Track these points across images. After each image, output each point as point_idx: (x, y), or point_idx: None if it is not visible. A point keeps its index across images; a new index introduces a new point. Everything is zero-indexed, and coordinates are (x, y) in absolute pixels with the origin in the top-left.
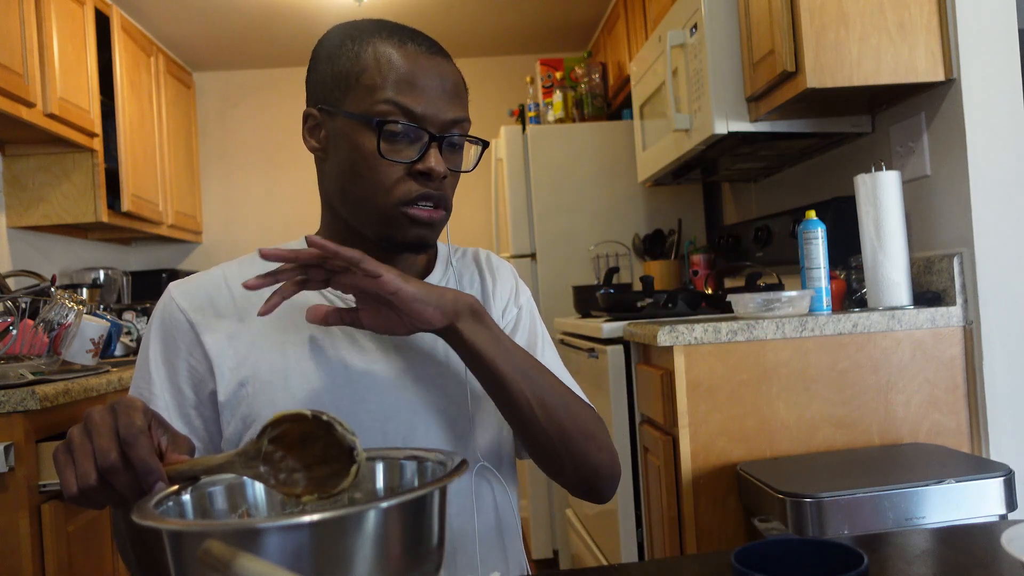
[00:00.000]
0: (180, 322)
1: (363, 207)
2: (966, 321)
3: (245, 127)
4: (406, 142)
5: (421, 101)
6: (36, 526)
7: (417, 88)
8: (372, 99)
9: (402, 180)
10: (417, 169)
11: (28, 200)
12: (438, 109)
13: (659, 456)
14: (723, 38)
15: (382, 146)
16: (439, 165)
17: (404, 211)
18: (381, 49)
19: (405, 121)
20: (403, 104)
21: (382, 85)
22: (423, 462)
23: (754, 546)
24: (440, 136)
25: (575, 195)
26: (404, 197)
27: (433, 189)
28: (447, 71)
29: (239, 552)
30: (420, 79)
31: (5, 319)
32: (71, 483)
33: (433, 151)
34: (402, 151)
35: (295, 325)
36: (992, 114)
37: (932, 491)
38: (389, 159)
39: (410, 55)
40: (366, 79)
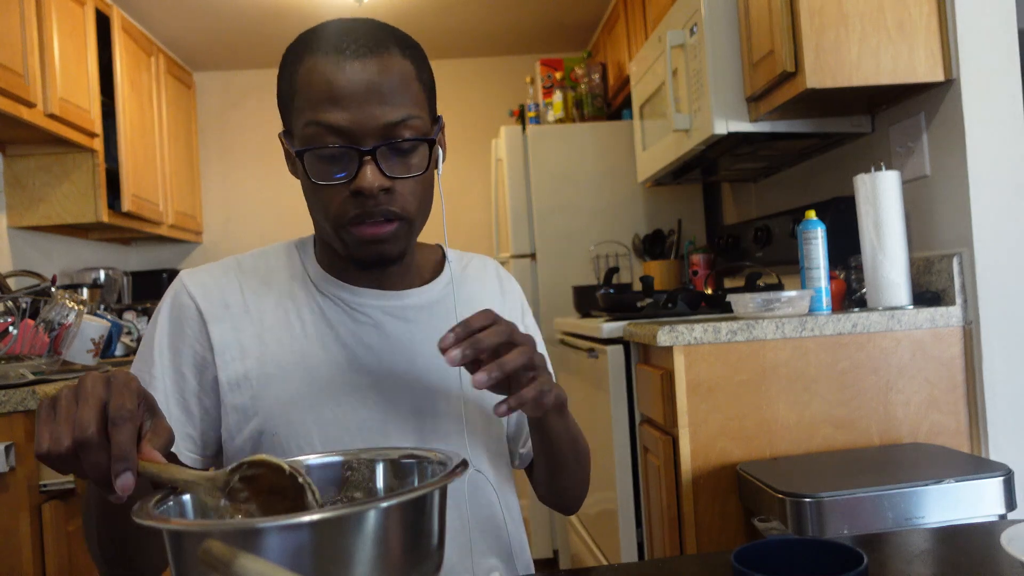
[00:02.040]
0: (189, 309)
1: (324, 229)
2: (966, 321)
3: (245, 127)
4: (342, 161)
5: (346, 115)
6: (36, 526)
7: (341, 100)
8: (303, 122)
9: (343, 202)
10: (352, 188)
11: (28, 200)
12: (368, 118)
13: (659, 456)
14: (723, 38)
15: (315, 171)
16: (373, 181)
17: (349, 232)
18: (308, 65)
19: (334, 141)
20: (327, 122)
21: (308, 106)
22: (423, 462)
23: (754, 546)
24: (372, 148)
25: (575, 195)
26: (345, 219)
27: (373, 206)
28: (378, 71)
29: (239, 552)
30: (343, 89)
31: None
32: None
33: (368, 167)
34: (337, 171)
35: (301, 322)
36: (992, 114)
37: (932, 491)
38: (321, 184)
39: (334, 64)
40: (297, 102)
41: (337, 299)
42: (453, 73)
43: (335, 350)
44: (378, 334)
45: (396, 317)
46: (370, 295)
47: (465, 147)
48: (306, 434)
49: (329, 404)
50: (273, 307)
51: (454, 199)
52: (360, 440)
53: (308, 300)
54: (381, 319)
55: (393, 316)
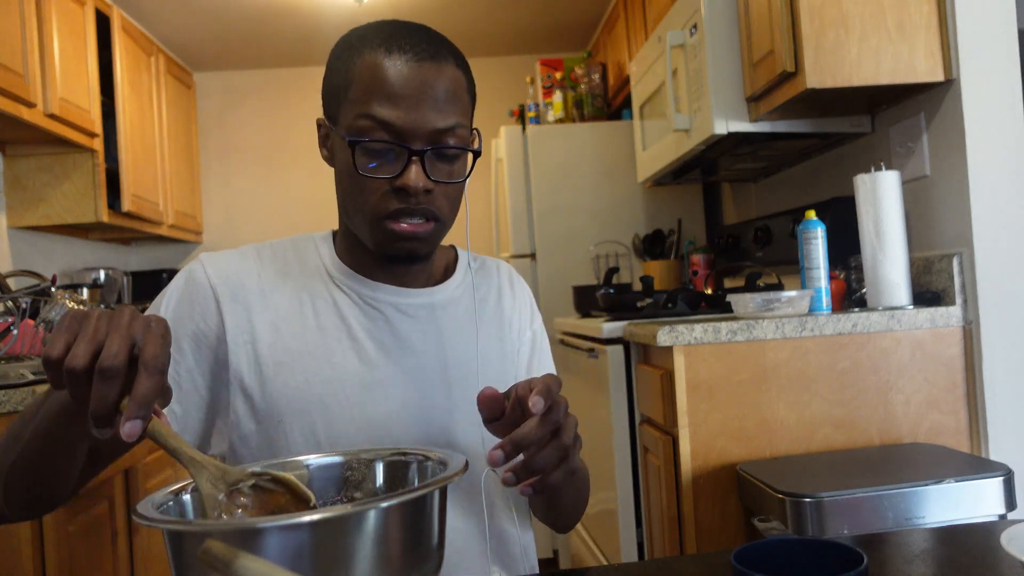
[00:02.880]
0: (203, 287)
1: (355, 220)
2: (966, 321)
3: (245, 127)
4: (388, 157)
5: (401, 114)
6: (36, 526)
7: (398, 100)
8: (355, 113)
9: (384, 195)
10: (396, 185)
11: (28, 200)
12: (421, 120)
13: (659, 456)
14: (723, 38)
15: (361, 162)
16: (418, 181)
17: (386, 225)
18: (368, 60)
19: (384, 137)
20: (382, 118)
21: (364, 99)
22: (423, 462)
23: (754, 546)
24: (422, 150)
25: (575, 195)
26: (384, 212)
27: (414, 204)
28: (434, 77)
29: (239, 552)
30: (401, 90)
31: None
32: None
33: (414, 166)
34: (383, 166)
35: (315, 313)
36: (992, 114)
37: (932, 491)
38: (366, 175)
39: (395, 64)
40: (352, 93)
41: (352, 292)
42: None
43: (346, 343)
44: (390, 330)
45: (409, 315)
46: (386, 291)
47: None
48: (311, 424)
49: (336, 397)
50: (288, 296)
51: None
52: (365, 435)
53: (323, 292)
54: (394, 316)
55: (406, 314)
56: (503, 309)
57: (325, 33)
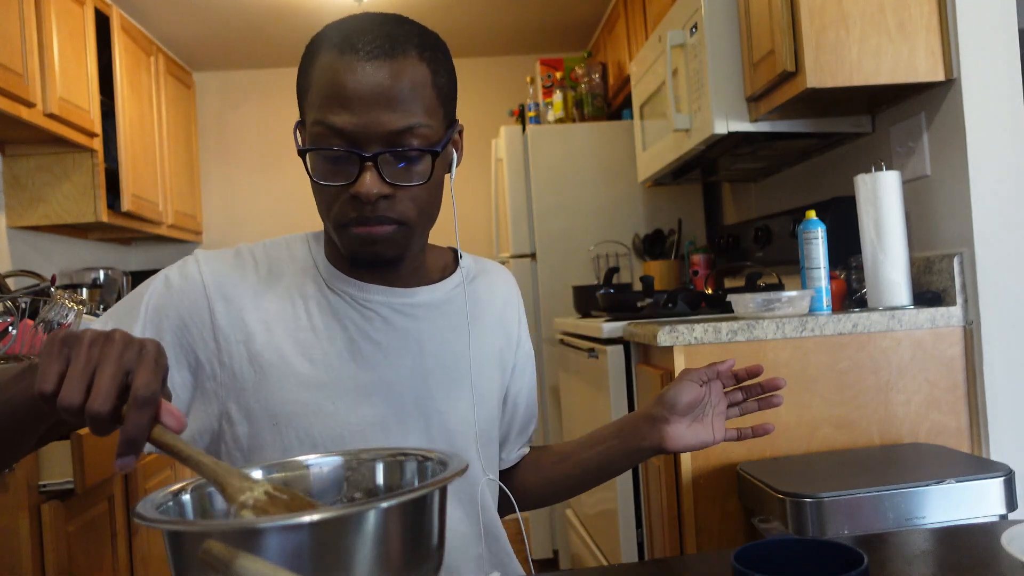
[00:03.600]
0: (195, 282)
1: (325, 225)
2: (966, 321)
3: (245, 127)
4: (344, 163)
5: (353, 119)
6: (36, 526)
7: (348, 103)
8: (311, 120)
9: (343, 203)
10: (351, 192)
11: (28, 200)
12: (373, 123)
13: (659, 456)
14: (723, 38)
15: (318, 170)
16: (371, 187)
17: (350, 231)
18: (322, 63)
19: (336, 143)
20: (333, 124)
21: (318, 104)
22: (423, 462)
23: (754, 546)
24: (375, 154)
25: (575, 195)
26: (342, 219)
27: (370, 212)
28: (387, 76)
29: (239, 552)
30: (351, 91)
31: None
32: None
33: (367, 173)
34: (338, 173)
35: (308, 314)
36: (992, 114)
37: (932, 491)
38: (323, 183)
39: (347, 65)
40: (310, 98)
41: (345, 294)
42: None
43: (341, 344)
44: (385, 330)
45: (403, 314)
46: (378, 291)
47: (465, 147)
48: (306, 426)
49: (331, 397)
50: (282, 296)
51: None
52: (360, 435)
53: (316, 293)
54: (389, 315)
55: (401, 313)
56: (501, 314)
57: None
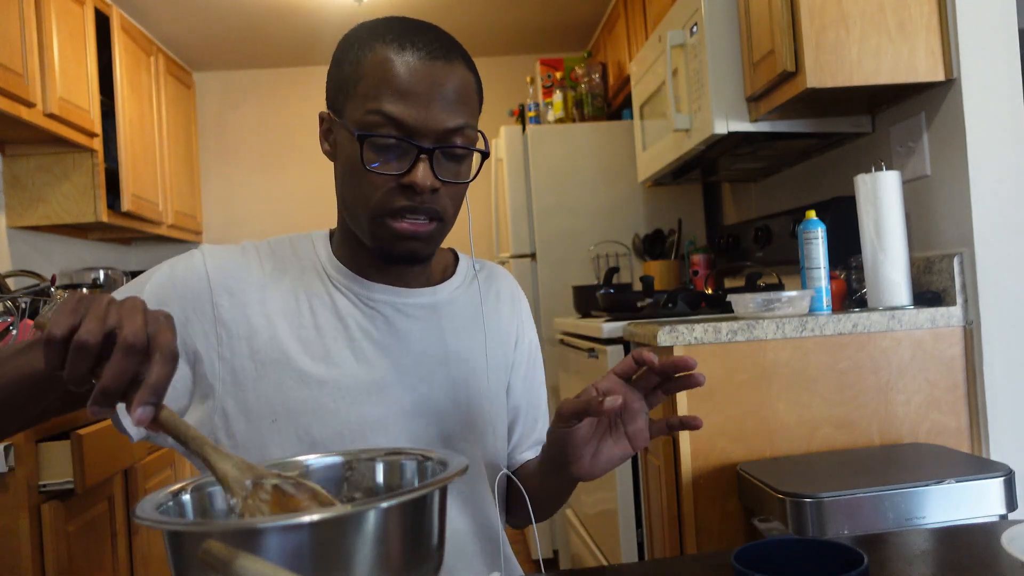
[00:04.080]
0: (198, 274)
1: (356, 216)
2: (966, 321)
3: (245, 127)
4: (396, 154)
5: (412, 112)
6: (36, 526)
7: (409, 97)
8: (364, 108)
9: (389, 192)
10: (403, 182)
11: (28, 200)
12: (431, 119)
13: (659, 456)
14: (723, 38)
15: (368, 157)
16: (425, 179)
17: (389, 223)
18: (380, 55)
19: (393, 133)
20: (392, 115)
21: (375, 95)
22: (423, 462)
23: (754, 546)
24: (431, 148)
25: (575, 195)
26: (388, 209)
27: (419, 203)
28: (446, 77)
29: (239, 552)
30: (413, 87)
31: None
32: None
33: (422, 164)
34: (391, 163)
35: (312, 312)
36: (992, 114)
37: (932, 491)
38: (373, 171)
39: (406, 61)
40: (362, 87)
41: (349, 292)
42: None
43: (343, 343)
44: (388, 330)
45: (407, 315)
46: (383, 291)
47: None
48: (306, 425)
49: (332, 396)
50: (286, 294)
51: None
52: (359, 434)
53: (321, 291)
54: (392, 316)
55: (404, 314)
56: (502, 316)
57: (325, 33)
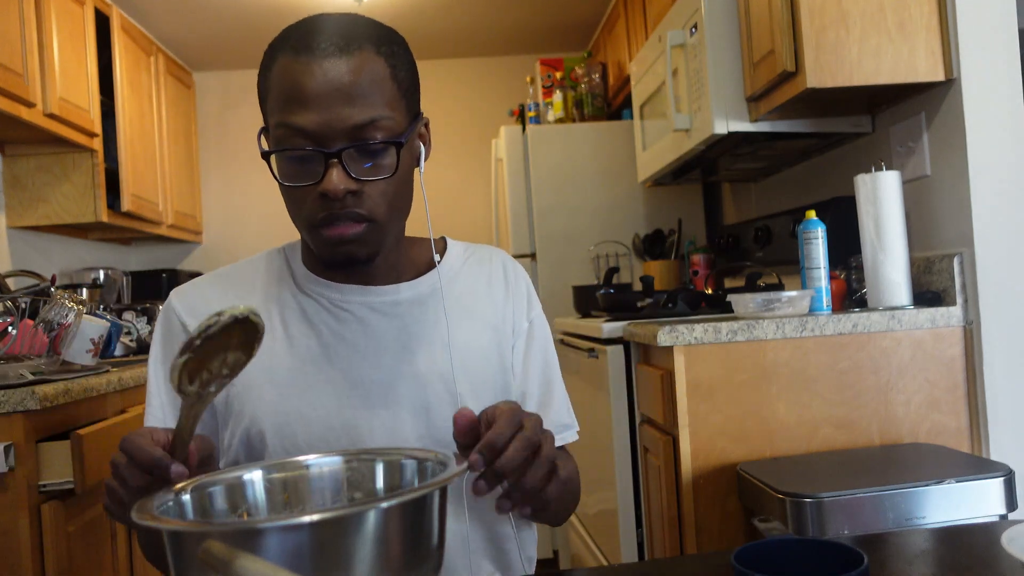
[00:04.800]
0: (175, 325)
1: (297, 227)
2: (966, 321)
3: (245, 127)
4: (305, 162)
5: (313, 116)
6: (36, 526)
7: (307, 102)
8: (273, 123)
9: (312, 203)
10: (319, 191)
11: (28, 200)
12: (335, 120)
13: (659, 456)
14: (723, 38)
15: (284, 172)
16: (338, 184)
17: (320, 233)
18: (279, 65)
19: (300, 143)
20: (294, 124)
21: (277, 107)
22: (423, 462)
23: (754, 546)
24: (339, 150)
25: (575, 195)
26: (312, 219)
27: (339, 209)
28: (345, 71)
29: (239, 552)
30: (310, 90)
31: (5, 319)
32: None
33: (333, 170)
34: (305, 173)
35: (284, 324)
36: (992, 114)
37: (932, 491)
38: (290, 185)
39: (302, 65)
40: (269, 101)
41: (320, 297)
42: (453, 73)
43: (316, 351)
44: (362, 331)
45: (382, 313)
46: (354, 291)
47: (465, 147)
48: (290, 434)
49: (311, 403)
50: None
51: (454, 198)
52: (345, 438)
53: (291, 301)
54: (366, 315)
55: (379, 312)
56: (495, 300)
57: None
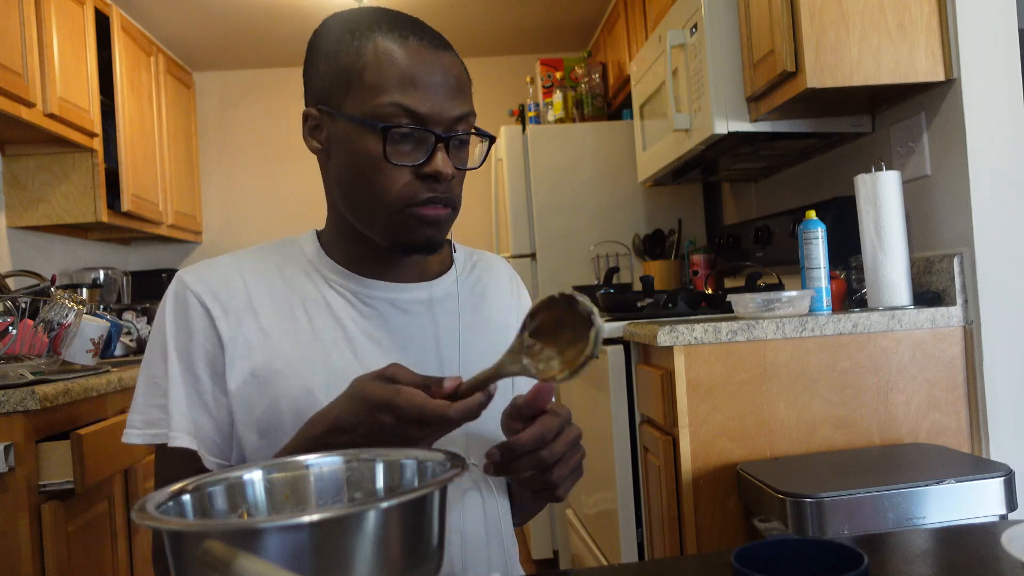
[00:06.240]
0: (195, 307)
1: (369, 210)
2: (966, 321)
3: (245, 127)
4: (412, 143)
5: (425, 101)
6: (36, 526)
7: (421, 87)
8: (375, 100)
9: (409, 183)
10: (424, 172)
11: (28, 200)
12: (443, 107)
13: (659, 456)
14: (723, 38)
15: (388, 150)
16: (446, 167)
17: (412, 212)
18: (382, 45)
19: (410, 123)
20: (407, 106)
21: (385, 85)
22: (423, 462)
23: (754, 546)
24: (446, 136)
25: (575, 195)
26: (411, 200)
27: (441, 191)
28: (450, 65)
29: (239, 552)
30: (423, 77)
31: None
32: None
33: (440, 152)
34: (408, 153)
35: (307, 315)
36: (992, 114)
37: (932, 491)
38: (396, 163)
39: (412, 51)
40: (368, 77)
41: (345, 290)
42: None
43: (343, 344)
44: (386, 327)
45: (404, 311)
46: (379, 287)
47: None
48: None
49: (333, 397)
50: (278, 302)
51: None
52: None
53: (314, 292)
54: (389, 312)
55: (401, 309)
56: (504, 306)
57: None
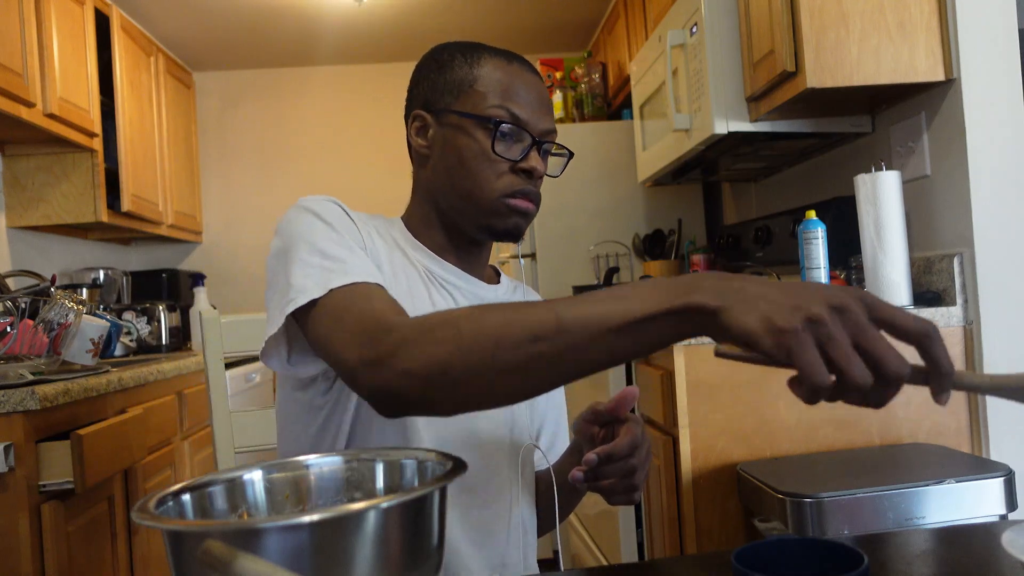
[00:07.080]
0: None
1: (469, 198)
2: (966, 321)
3: (245, 127)
4: (511, 142)
5: (525, 109)
6: (36, 526)
7: (521, 98)
8: (485, 104)
9: (506, 175)
10: (521, 167)
11: (28, 200)
12: (537, 119)
13: (659, 456)
14: (723, 38)
15: (494, 143)
16: (540, 165)
17: (507, 202)
18: (492, 63)
19: (514, 124)
20: (512, 110)
21: (494, 93)
22: (423, 462)
23: (754, 546)
24: (541, 140)
25: (575, 195)
26: (507, 189)
27: (532, 186)
28: (542, 87)
29: (239, 552)
30: (523, 92)
31: (5, 319)
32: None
33: (535, 152)
34: (508, 149)
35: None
36: (992, 114)
37: (932, 491)
38: (499, 155)
39: (515, 71)
40: (480, 86)
41: (424, 269)
42: None
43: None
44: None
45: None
46: (454, 272)
47: None
48: None
49: None
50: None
51: None
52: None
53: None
54: (460, 301)
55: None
56: None
57: (325, 33)
